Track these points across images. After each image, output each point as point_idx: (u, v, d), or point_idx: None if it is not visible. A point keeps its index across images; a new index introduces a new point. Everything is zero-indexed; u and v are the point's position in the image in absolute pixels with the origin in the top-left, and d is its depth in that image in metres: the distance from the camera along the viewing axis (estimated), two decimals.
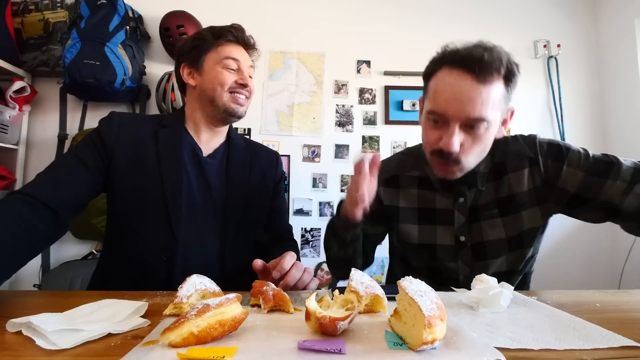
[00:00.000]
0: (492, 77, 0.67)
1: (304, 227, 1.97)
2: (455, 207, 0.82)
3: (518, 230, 0.80)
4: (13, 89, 1.70)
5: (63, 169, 0.77)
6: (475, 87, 0.66)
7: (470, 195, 0.81)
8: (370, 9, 2.13)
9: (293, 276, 0.64)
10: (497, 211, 0.80)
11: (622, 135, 2.04)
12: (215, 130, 0.93)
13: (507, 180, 0.80)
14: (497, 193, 0.80)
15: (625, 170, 0.72)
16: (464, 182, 0.80)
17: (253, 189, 0.94)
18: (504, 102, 0.71)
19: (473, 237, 0.81)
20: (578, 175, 0.75)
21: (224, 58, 0.87)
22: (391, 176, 0.90)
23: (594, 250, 2.06)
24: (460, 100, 0.67)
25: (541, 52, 2.14)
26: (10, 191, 0.70)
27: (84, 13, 1.70)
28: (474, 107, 0.66)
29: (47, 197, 0.70)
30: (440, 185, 0.83)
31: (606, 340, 0.42)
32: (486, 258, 0.80)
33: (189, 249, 0.82)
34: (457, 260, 0.82)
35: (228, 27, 0.91)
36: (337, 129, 2.06)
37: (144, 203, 0.81)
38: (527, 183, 0.79)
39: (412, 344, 0.39)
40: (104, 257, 0.89)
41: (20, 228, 0.64)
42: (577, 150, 0.77)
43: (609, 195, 0.72)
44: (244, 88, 0.89)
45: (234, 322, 0.42)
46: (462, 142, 0.70)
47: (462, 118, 0.68)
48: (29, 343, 0.40)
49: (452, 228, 0.82)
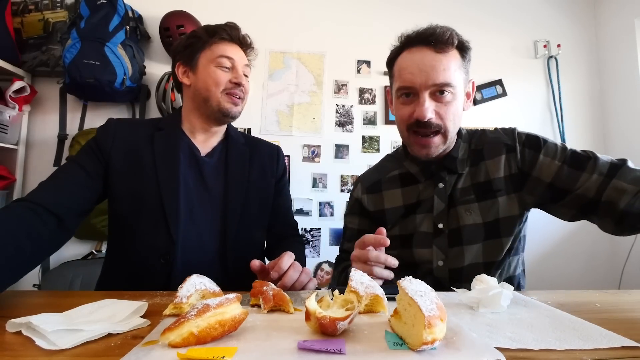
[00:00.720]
0: (447, 46, 0.74)
1: (304, 227, 1.97)
2: (435, 193, 0.82)
3: (494, 217, 0.80)
4: (13, 89, 1.70)
5: (64, 176, 0.79)
6: (434, 56, 0.74)
7: (450, 181, 0.82)
8: (370, 9, 2.13)
9: (290, 277, 0.64)
10: (473, 196, 0.81)
11: (622, 135, 2.04)
12: (212, 131, 0.92)
13: (484, 167, 0.82)
14: (474, 178, 0.82)
15: (601, 165, 0.72)
16: (444, 167, 0.83)
17: (253, 185, 0.92)
18: (462, 71, 0.78)
19: (450, 224, 0.81)
20: (554, 165, 0.76)
21: (217, 56, 0.86)
22: (373, 182, 0.92)
23: (594, 251, 2.06)
24: (424, 70, 0.74)
25: (541, 52, 2.14)
26: (13, 200, 0.71)
27: (84, 13, 1.69)
28: (437, 74, 0.73)
29: (50, 203, 0.71)
30: (421, 174, 0.85)
31: (606, 340, 0.42)
32: (462, 244, 0.80)
33: (188, 250, 0.82)
34: (432, 246, 0.81)
35: (222, 25, 0.90)
36: (337, 129, 2.06)
37: (141, 206, 0.82)
38: (504, 169, 0.80)
39: (412, 344, 0.39)
40: (107, 260, 0.90)
41: (24, 234, 0.64)
42: (555, 142, 0.80)
43: (584, 188, 0.72)
44: (237, 87, 0.87)
45: (234, 322, 0.42)
46: (435, 110, 0.75)
47: (429, 86, 0.74)
48: (29, 343, 0.40)
49: (431, 215, 0.82)
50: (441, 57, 0.74)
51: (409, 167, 0.88)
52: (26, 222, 0.66)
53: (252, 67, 0.96)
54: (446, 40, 0.74)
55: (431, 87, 0.74)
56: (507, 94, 2.12)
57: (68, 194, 0.76)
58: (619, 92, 2.06)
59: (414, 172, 0.86)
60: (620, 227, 0.70)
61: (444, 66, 0.73)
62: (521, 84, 2.14)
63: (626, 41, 2.01)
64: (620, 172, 0.70)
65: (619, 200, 0.68)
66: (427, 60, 0.74)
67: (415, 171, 0.86)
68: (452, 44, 0.75)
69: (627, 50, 2.00)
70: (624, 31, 2.02)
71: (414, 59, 0.75)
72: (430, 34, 0.74)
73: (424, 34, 0.75)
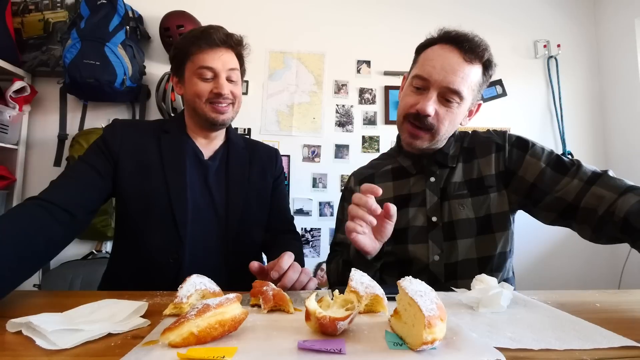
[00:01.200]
0: (476, 58, 0.76)
1: (304, 227, 1.97)
2: (427, 186, 0.84)
3: (486, 212, 0.81)
4: (13, 89, 1.70)
5: (75, 174, 0.80)
6: (460, 62, 0.75)
7: (442, 175, 0.84)
8: (370, 9, 2.13)
9: (290, 278, 0.64)
10: (466, 191, 0.82)
11: (622, 135, 2.04)
12: (210, 136, 0.94)
13: (477, 164, 0.84)
14: (467, 175, 0.84)
15: (583, 172, 0.74)
16: (435, 161, 0.84)
17: (253, 187, 0.94)
18: (477, 88, 0.79)
19: (444, 217, 0.82)
20: (538, 166, 0.78)
21: (198, 68, 0.85)
22: (366, 176, 0.94)
23: (594, 251, 2.05)
24: (445, 69, 0.74)
25: (541, 52, 2.14)
26: (27, 198, 0.73)
27: (84, 13, 1.70)
28: (455, 79, 0.74)
29: (62, 200, 0.72)
30: (413, 167, 0.87)
31: (606, 340, 0.42)
32: (455, 237, 0.81)
33: (195, 250, 0.85)
34: (428, 240, 0.81)
35: (200, 32, 0.87)
36: (337, 129, 2.06)
37: (150, 207, 0.84)
38: (494, 167, 0.83)
39: (412, 344, 0.39)
40: (113, 259, 0.92)
41: (37, 231, 0.66)
42: (543, 147, 0.82)
43: (564, 192, 0.74)
44: (220, 97, 0.85)
45: (234, 322, 0.42)
46: (436, 111, 0.76)
47: (442, 86, 0.75)
48: (29, 343, 0.40)
49: (425, 209, 0.83)
50: (465, 66, 0.75)
51: (401, 162, 0.90)
52: (40, 220, 0.68)
53: (249, 64, 0.95)
54: (477, 52, 0.75)
55: (443, 88, 0.75)
56: (507, 94, 2.13)
57: (80, 192, 0.77)
58: (619, 92, 2.06)
59: (406, 166, 0.88)
60: (598, 234, 0.72)
61: (464, 74, 0.74)
62: (521, 84, 2.14)
63: (626, 41, 2.01)
64: (600, 180, 0.72)
65: (597, 207, 0.69)
66: (452, 62, 0.75)
67: (407, 165, 0.88)
68: (481, 57, 0.76)
69: (627, 50, 2.00)
70: (624, 31, 2.02)
71: (441, 54, 0.76)
72: (466, 40, 0.75)
73: (461, 37, 0.76)
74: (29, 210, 0.69)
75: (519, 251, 2.00)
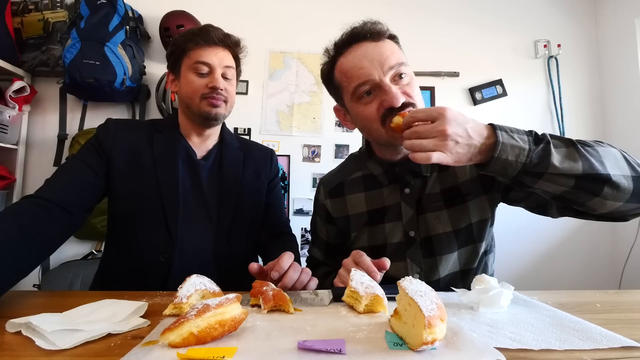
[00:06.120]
0: (382, 35, 0.74)
1: (304, 227, 1.97)
2: (402, 199, 0.79)
3: (466, 223, 0.77)
4: (13, 88, 1.70)
5: (70, 172, 0.80)
6: (376, 45, 0.72)
7: (416, 185, 0.79)
8: (369, 9, 2.13)
9: (290, 277, 0.64)
10: (442, 203, 0.78)
11: (622, 135, 2.04)
12: (204, 134, 0.93)
13: (452, 170, 0.79)
14: (443, 184, 0.79)
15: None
16: (409, 170, 0.79)
17: (246, 188, 0.94)
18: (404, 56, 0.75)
19: (421, 232, 0.77)
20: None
21: (194, 63, 0.86)
22: (335, 185, 0.89)
23: (594, 251, 2.06)
24: (374, 60, 0.70)
25: (541, 52, 2.14)
26: (23, 196, 0.73)
27: (84, 13, 1.70)
28: (388, 58, 0.70)
29: (57, 198, 0.73)
30: (384, 176, 0.81)
31: (606, 340, 0.42)
32: (435, 254, 0.76)
33: (186, 249, 0.84)
34: (406, 258, 0.77)
35: (199, 29, 0.89)
36: (337, 129, 2.05)
37: (141, 206, 0.84)
38: (470, 171, 0.78)
39: (412, 344, 0.39)
40: (105, 258, 0.91)
41: (34, 229, 0.66)
42: None
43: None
44: (214, 91, 0.86)
45: (234, 322, 0.42)
46: (402, 92, 0.70)
47: (386, 71, 0.70)
48: (29, 343, 0.40)
49: (401, 223, 0.79)
50: (382, 44, 0.72)
51: (372, 169, 0.83)
52: (36, 218, 0.68)
53: (249, 64, 0.96)
54: (379, 30, 0.74)
55: (389, 72, 0.70)
56: (507, 94, 2.12)
57: (76, 189, 0.78)
58: (619, 92, 2.06)
59: (377, 174, 0.82)
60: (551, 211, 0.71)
61: (389, 51, 0.72)
62: (521, 83, 2.14)
63: (626, 41, 2.01)
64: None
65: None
66: (372, 51, 0.71)
67: (378, 173, 0.82)
68: (385, 34, 0.75)
69: (627, 50, 2.00)
70: (624, 31, 2.02)
71: (357, 55, 0.72)
72: (363, 29, 0.73)
73: (357, 32, 0.74)
74: (25, 208, 0.69)
75: (519, 251, 2.02)
